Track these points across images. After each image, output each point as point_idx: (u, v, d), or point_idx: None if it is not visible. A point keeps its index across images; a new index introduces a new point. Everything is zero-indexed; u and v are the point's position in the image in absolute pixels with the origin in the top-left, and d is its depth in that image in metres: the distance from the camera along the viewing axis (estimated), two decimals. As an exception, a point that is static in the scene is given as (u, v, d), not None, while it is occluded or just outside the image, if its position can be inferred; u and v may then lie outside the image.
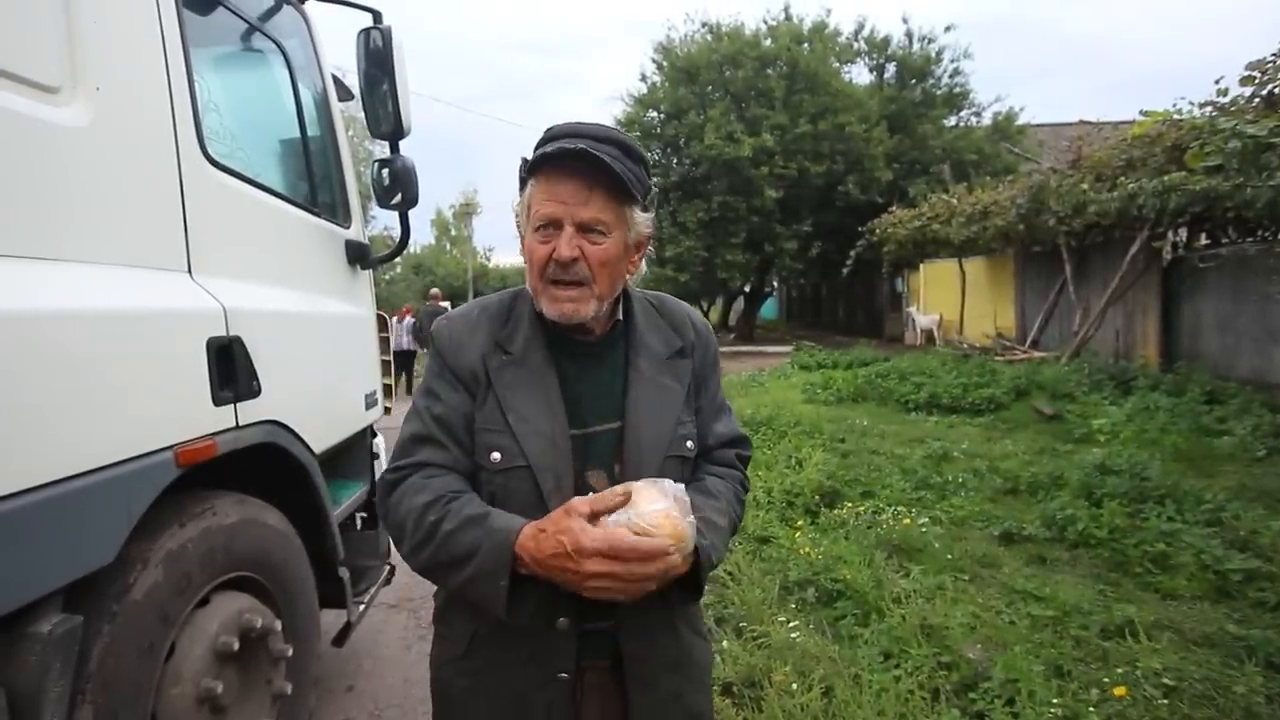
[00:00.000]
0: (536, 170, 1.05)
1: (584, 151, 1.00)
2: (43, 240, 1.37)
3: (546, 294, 1.07)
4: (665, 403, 1.14)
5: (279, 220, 2.24)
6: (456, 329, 1.14)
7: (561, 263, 1.04)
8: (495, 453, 1.06)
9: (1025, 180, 11.55)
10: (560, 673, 1.08)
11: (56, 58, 1.43)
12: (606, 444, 1.11)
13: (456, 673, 1.14)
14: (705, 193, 18.48)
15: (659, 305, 1.24)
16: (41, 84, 1.40)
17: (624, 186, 1.03)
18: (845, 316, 23.67)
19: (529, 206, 1.07)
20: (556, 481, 1.05)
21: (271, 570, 1.98)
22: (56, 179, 1.41)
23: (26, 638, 1.24)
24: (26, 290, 1.28)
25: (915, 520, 4.22)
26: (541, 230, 1.05)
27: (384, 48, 2.50)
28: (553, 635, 1.07)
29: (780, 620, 3.01)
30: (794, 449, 5.90)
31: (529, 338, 1.12)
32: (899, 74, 21.53)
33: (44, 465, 1.26)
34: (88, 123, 1.48)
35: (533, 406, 1.07)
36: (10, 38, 1.34)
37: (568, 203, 1.03)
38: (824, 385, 9.81)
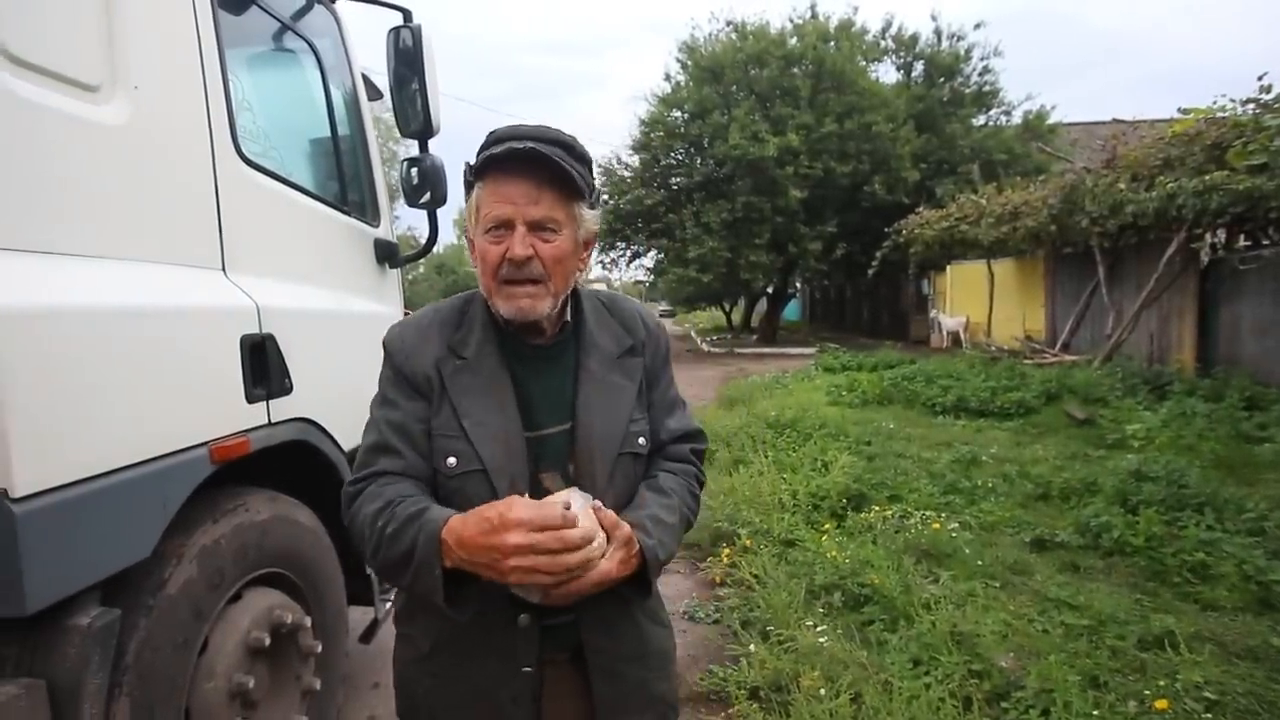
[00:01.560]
0: (484, 173, 1.06)
1: (532, 151, 1.02)
2: (82, 237, 1.38)
3: (502, 293, 1.08)
4: (616, 401, 1.16)
5: (310, 219, 2.26)
6: (409, 335, 1.15)
7: (516, 262, 1.05)
8: (451, 458, 1.08)
9: (1058, 180, 11.33)
10: (524, 667, 1.10)
11: (97, 57, 1.45)
12: (559, 445, 1.12)
13: (421, 672, 1.16)
14: (729, 193, 18.38)
15: (610, 304, 1.25)
16: (83, 82, 1.42)
17: (572, 184, 1.06)
18: (869, 318, 23.42)
19: (477, 209, 1.08)
20: (511, 483, 1.06)
21: (302, 567, 1.99)
22: (95, 176, 1.43)
23: (66, 630, 1.26)
24: (65, 287, 1.30)
25: (944, 525, 4.15)
26: (493, 231, 1.06)
27: (414, 47, 2.51)
28: (514, 631, 1.09)
29: (807, 624, 2.97)
30: (819, 451, 5.82)
31: (482, 341, 1.13)
32: (927, 72, 21.24)
33: (83, 460, 1.28)
34: (126, 121, 1.50)
35: (487, 410, 1.09)
36: (54, 37, 1.36)
37: (518, 203, 1.04)
38: (849, 387, 9.69)
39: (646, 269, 24.12)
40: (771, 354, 18.42)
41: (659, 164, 20.11)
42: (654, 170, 20.18)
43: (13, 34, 1.26)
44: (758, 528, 4.21)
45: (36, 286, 1.23)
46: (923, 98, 20.20)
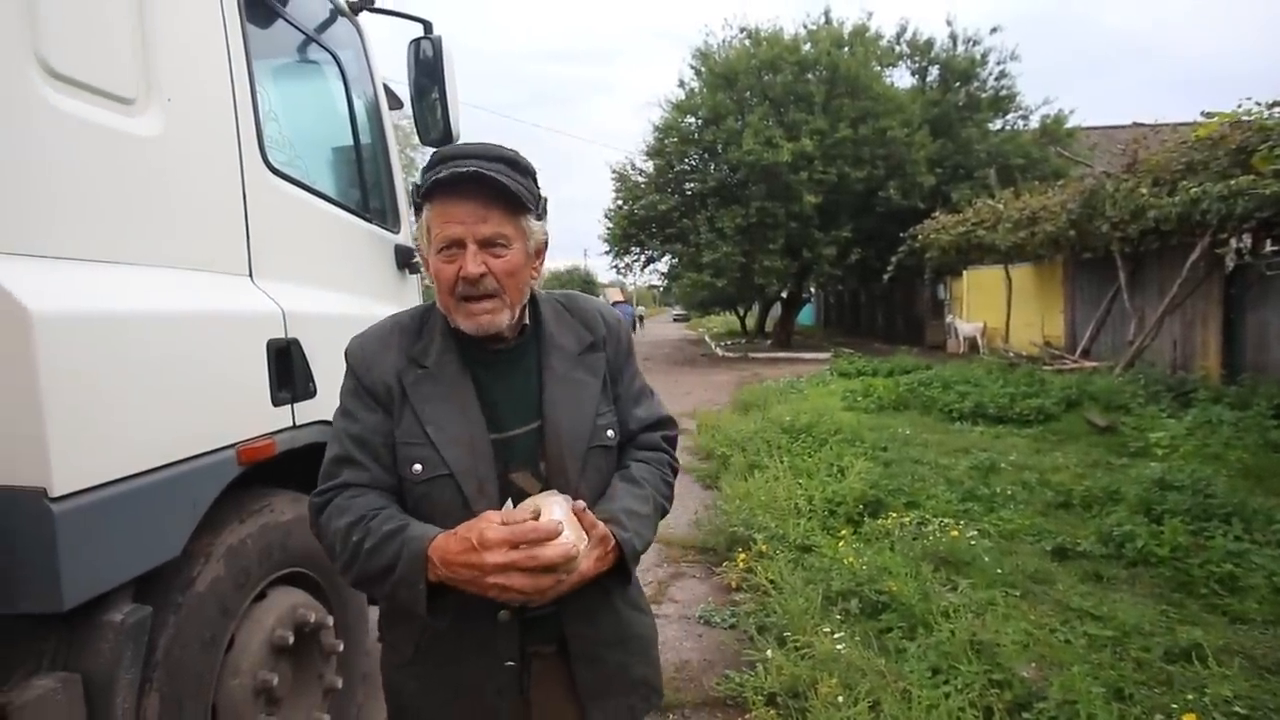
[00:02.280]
0: (431, 195, 1.09)
1: (476, 173, 1.04)
2: (117, 245, 1.42)
3: (461, 310, 1.11)
4: (581, 397, 1.18)
5: (333, 225, 2.30)
6: (370, 346, 1.17)
7: (470, 280, 1.07)
8: (417, 464, 1.10)
9: (1077, 184, 11.22)
10: (506, 661, 1.12)
11: (133, 71, 1.50)
12: (528, 445, 1.15)
13: (406, 676, 1.18)
14: (743, 198, 18.37)
15: (568, 304, 1.28)
16: (119, 96, 1.46)
17: (518, 201, 1.08)
18: (885, 323, 23.27)
19: (428, 230, 1.11)
20: (479, 485, 1.09)
21: (324, 567, 2.02)
22: (130, 186, 1.47)
23: (101, 626, 1.29)
24: (100, 293, 1.34)
25: (963, 532, 4.11)
26: (445, 251, 1.09)
27: (434, 57, 2.56)
28: (495, 627, 1.11)
29: (824, 631, 2.96)
30: (835, 457, 5.80)
31: (442, 350, 1.15)
32: (942, 77, 21.13)
33: (117, 461, 1.32)
34: (159, 132, 1.54)
35: (450, 415, 1.12)
36: (93, 54, 1.40)
37: (466, 222, 1.07)
38: (864, 393, 9.63)
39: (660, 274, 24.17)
40: (786, 359, 18.35)
41: (673, 169, 20.15)
42: (668, 176, 20.22)
43: (54, 50, 1.30)
44: (773, 533, 4.20)
45: (73, 293, 1.27)
46: (938, 102, 20.09)
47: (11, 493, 1.16)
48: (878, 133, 17.82)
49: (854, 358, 14.26)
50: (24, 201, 1.23)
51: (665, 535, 4.77)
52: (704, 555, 4.39)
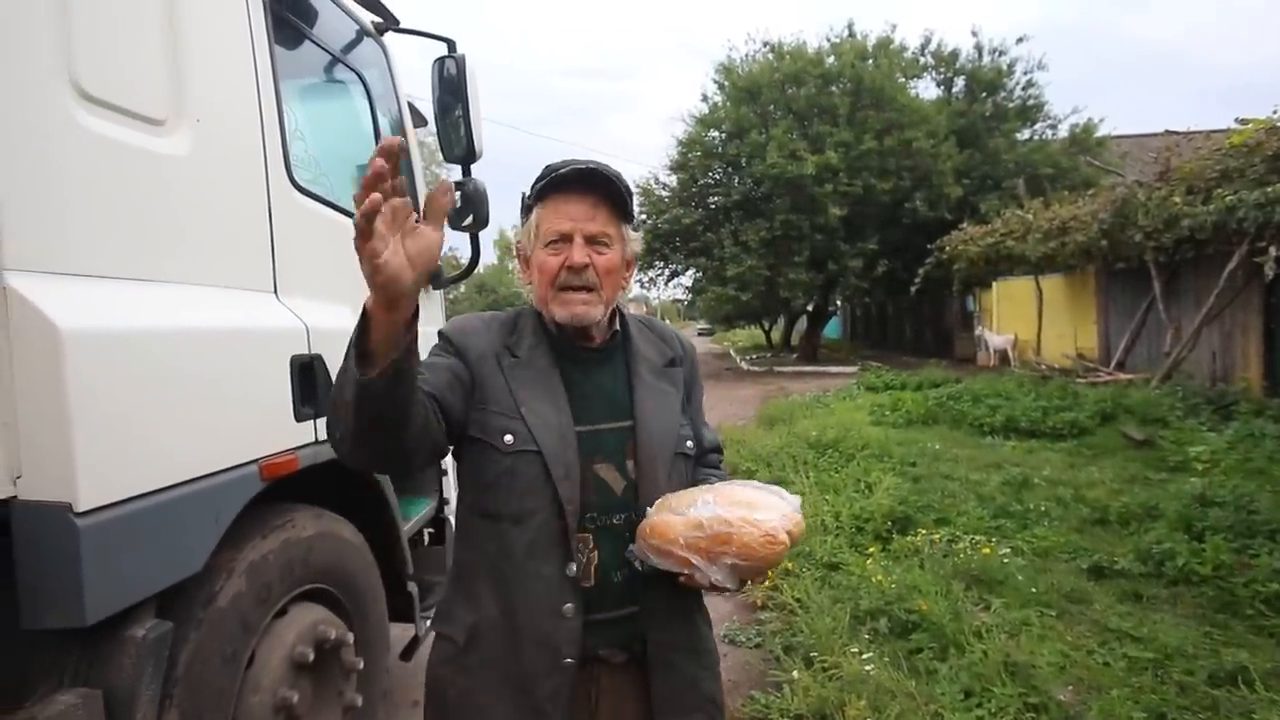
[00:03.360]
0: (545, 196, 1.18)
1: (594, 170, 1.15)
2: (145, 262, 1.45)
3: (558, 299, 1.18)
4: (667, 406, 1.26)
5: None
6: (469, 324, 1.24)
7: (574, 268, 1.15)
8: (508, 435, 1.13)
9: (1108, 193, 11.01)
10: (565, 659, 1.11)
11: (163, 93, 1.53)
12: (616, 441, 1.20)
13: (455, 671, 1.16)
14: (767, 211, 18.31)
15: (648, 324, 1.38)
16: (149, 117, 1.50)
17: (624, 204, 1.19)
18: (913, 336, 22.96)
19: (537, 227, 1.20)
20: (565, 470, 1.13)
21: (345, 583, 2.02)
22: (159, 205, 1.50)
23: (122, 641, 1.30)
24: (128, 310, 1.36)
25: (995, 550, 4.01)
26: (552, 245, 1.17)
27: (458, 75, 2.58)
28: (558, 621, 1.11)
29: (852, 651, 2.90)
30: (862, 473, 5.71)
31: (533, 345, 1.21)
32: (968, 88, 20.94)
33: (142, 476, 1.33)
34: (188, 152, 1.57)
35: (541, 402, 1.16)
36: (124, 77, 1.43)
37: (577, 219, 1.16)
38: (892, 407, 9.50)
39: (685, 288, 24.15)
40: (812, 373, 18.18)
41: (697, 183, 20.18)
42: (692, 190, 20.25)
43: (86, 73, 1.33)
44: (800, 550, 4.13)
45: (102, 310, 1.29)
46: (964, 113, 19.90)
47: (37, 507, 1.17)
48: (903, 144, 17.69)
49: (881, 371, 14.09)
50: (55, 220, 1.26)
51: (689, 551, 4.72)
52: (728, 572, 4.33)
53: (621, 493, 1.18)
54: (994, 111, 20.30)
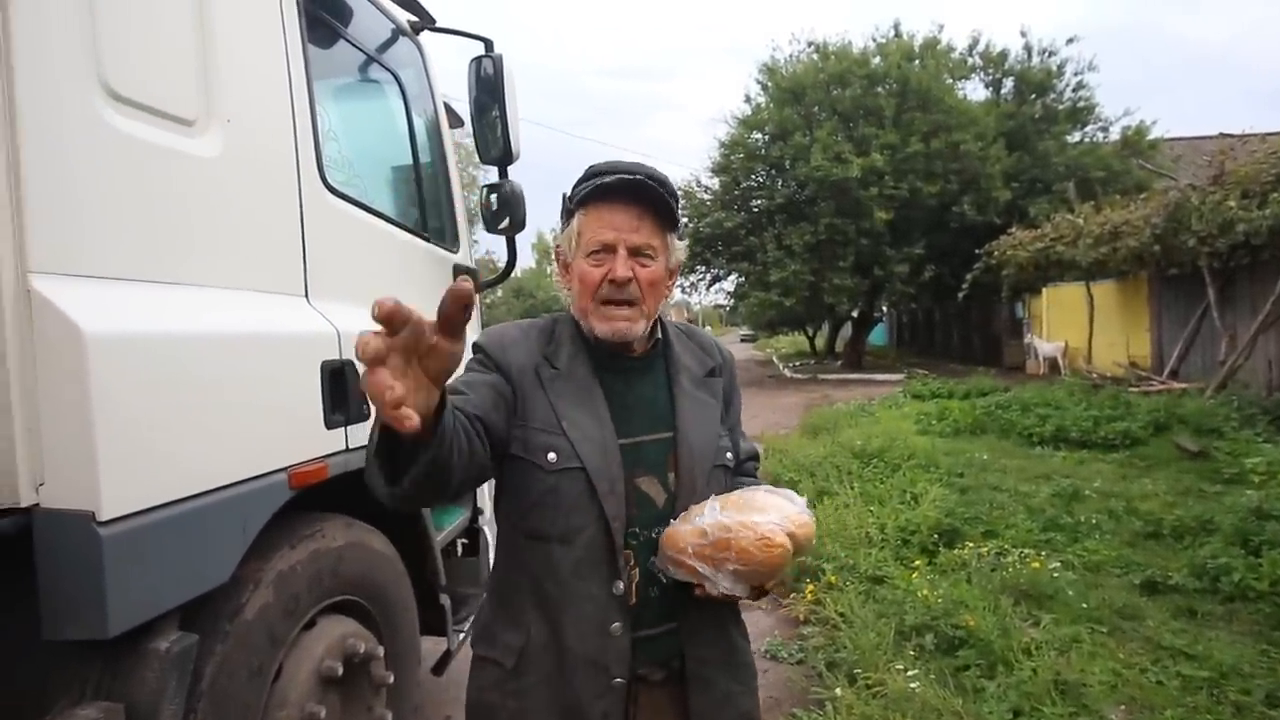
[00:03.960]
0: (588, 202, 1.13)
1: (640, 182, 1.10)
2: (173, 265, 1.42)
3: (598, 313, 1.14)
4: (708, 416, 1.22)
5: (391, 245, 2.29)
6: (508, 335, 1.19)
7: (617, 282, 1.11)
8: (551, 453, 1.09)
9: (1160, 198, 10.62)
10: (615, 679, 1.09)
11: (194, 93, 1.50)
12: (658, 453, 1.17)
13: (505, 695, 1.12)
14: (811, 215, 18.04)
15: (688, 332, 1.33)
16: (180, 118, 1.47)
17: (670, 214, 1.15)
18: (960, 343, 22.36)
19: (579, 234, 1.15)
20: (610, 485, 1.10)
21: (376, 595, 1.98)
22: (188, 206, 1.47)
23: (146, 654, 1.26)
24: (154, 313, 1.33)
25: (1045, 564, 3.85)
26: (594, 255, 1.13)
27: (495, 75, 2.54)
28: (607, 640, 1.09)
29: (897, 668, 2.77)
30: (908, 483, 5.53)
31: (572, 355, 1.17)
32: (1017, 89, 20.35)
33: (167, 484, 1.29)
34: (218, 153, 1.54)
35: (582, 415, 1.11)
36: (154, 77, 1.41)
37: (621, 229, 1.12)
38: (939, 416, 9.23)
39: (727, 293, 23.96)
40: (857, 380, 17.82)
41: (739, 186, 20.00)
42: (734, 193, 20.08)
43: (116, 73, 1.31)
44: (843, 563, 4.00)
45: (127, 313, 1.26)
46: (1013, 115, 19.35)
47: (60, 515, 1.14)
48: (950, 146, 17.27)
49: (928, 379, 13.74)
50: (81, 222, 1.23)
51: (728, 562, 4.61)
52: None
53: (662, 505, 1.15)
54: (1044, 113, 19.71)
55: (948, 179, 17.45)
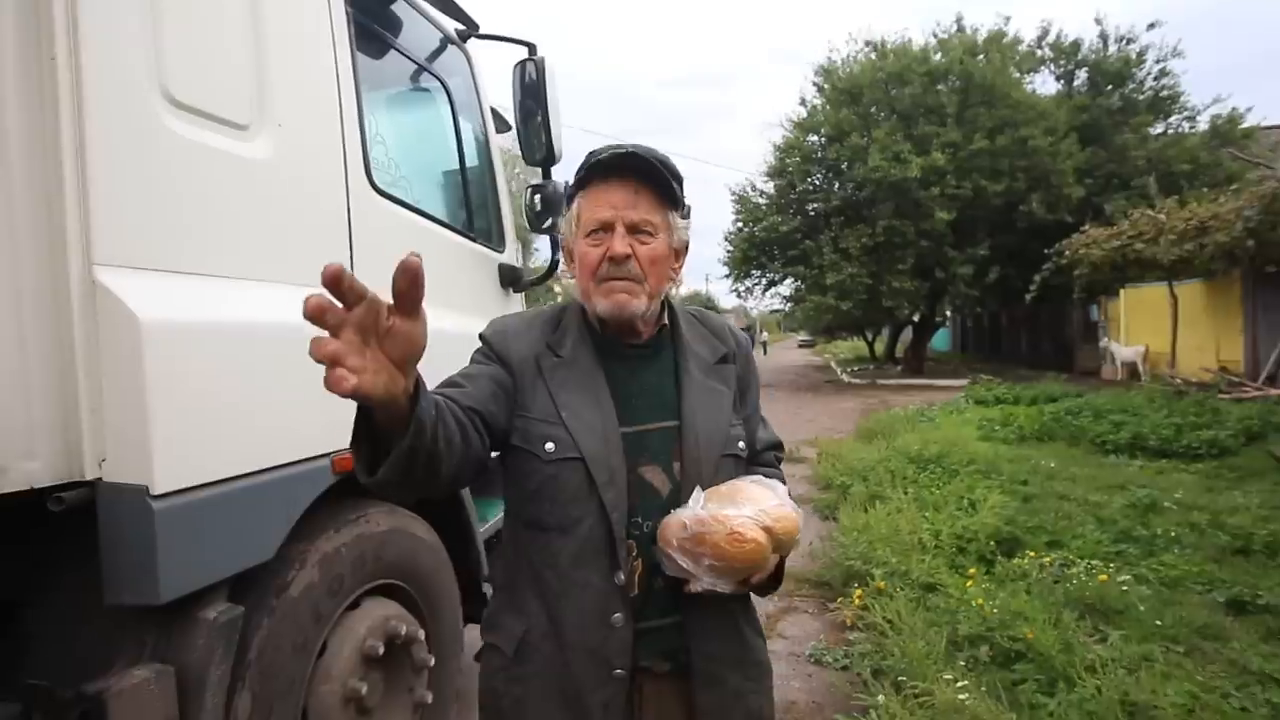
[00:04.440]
0: (586, 183, 1.13)
1: (633, 154, 1.09)
2: (226, 260, 1.52)
3: (599, 290, 1.12)
4: (717, 404, 1.19)
5: (436, 244, 2.37)
6: (511, 327, 1.20)
7: (615, 259, 1.10)
8: (549, 443, 1.09)
9: (1254, 189, 9.93)
10: (616, 669, 1.07)
11: (248, 100, 1.60)
12: (662, 441, 1.15)
13: (508, 681, 1.12)
14: (869, 217, 17.67)
15: (700, 317, 1.31)
16: (235, 122, 1.57)
17: (669, 189, 1.12)
18: (1030, 348, 21.46)
19: (578, 216, 1.15)
20: (610, 475, 1.08)
21: (419, 580, 2.04)
22: (241, 205, 1.56)
23: (195, 622, 1.35)
24: (208, 304, 1.42)
25: (1114, 577, 3.64)
26: (593, 235, 1.12)
27: (537, 78, 2.60)
28: (607, 631, 1.08)
29: (946, 679, 2.67)
30: (966, 489, 5.34)
31: (577, 342, 1.17)
32: (1092, 80, 19.45)
33: (217, 464, 1.38)
34: (270, 155, 1.64)
35: (583, 403, 1.11)
36: (211, 84, 1.51)
37: (617, 206, 1.11)
38: (1003, 422, 8.89)
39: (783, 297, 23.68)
40: (917, 385, 17.33)
41: (795, 190, 19.75)
42: (789, 196, 19.84)
43: (176, 82, 1.41)
44: (894, 569, 3.89)
45: (182, 304, 1.35)
46: (1086, 107, 18.50)
47: (118, 488, 1.23)
48: (1017, 142, 16.63)
49: (992, 385, 13.23)
50: (143, 219, 1.33)
51: (776, 566, 4.56)
52: (818, 589, 4.14)
53: (667, 495, 1.13)
54: (1122, 104, 18.76)
55: (1014, 176, 16.81)
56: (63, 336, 1.22)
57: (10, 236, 1.18)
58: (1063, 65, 20.02)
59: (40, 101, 1.21)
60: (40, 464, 1.20)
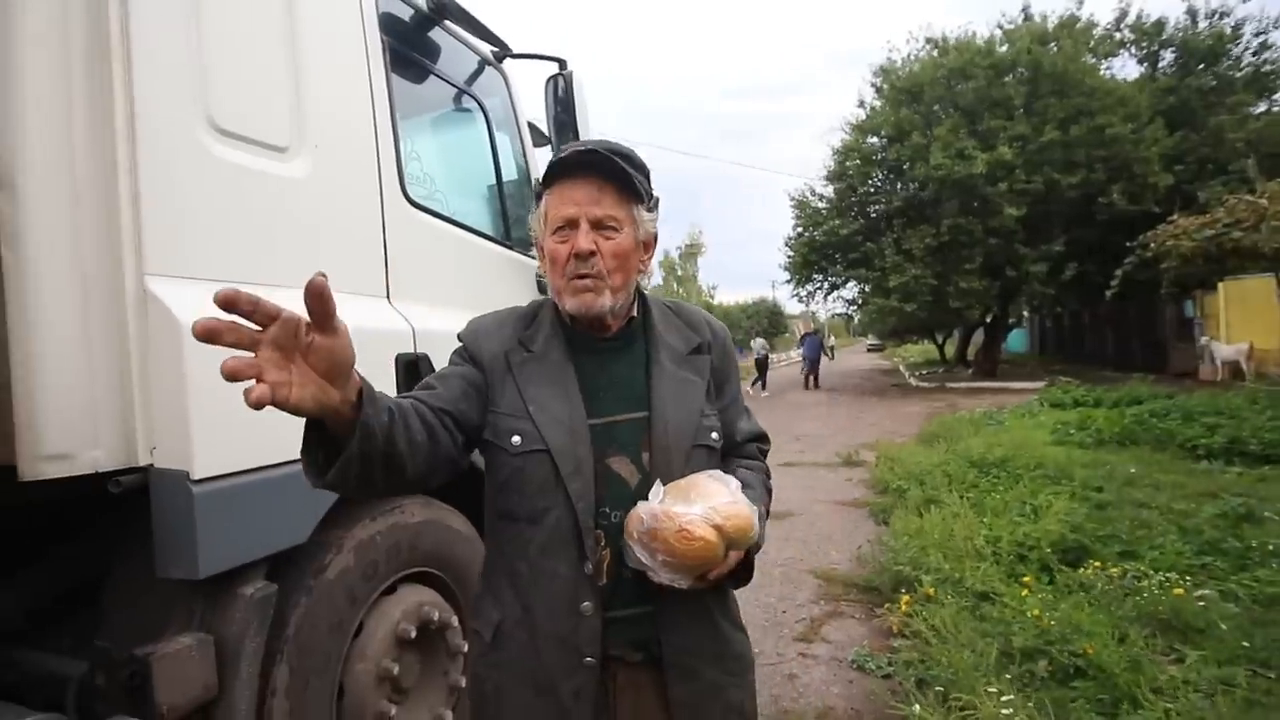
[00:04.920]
0: (552, 181, 1.16)
1: (594, 151, 1.12)
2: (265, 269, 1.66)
3: (569, 289, 1.15)
4: (688, 394, 1.20)
5: (471, 253, 2.49)
6: (483, 326, 1.23)
7: (580, 255, 1.12)
8: (516, 436, 1.12)
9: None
10: (586, 658, 1.09)
11: (286, 124, 1.75)
12: (631, 433, 1.16)
13: (487, 667, 1.17)
14: (933, 216, 17.18)
15: (675, 308, 1.32)
16: (275, 145, 1.72)
17: (631, 184, 1.14)
18: (1116, 349, 20.26)
19: (545, 215, 1.17)
20: (576, 465, 1.11)
21: (455, 569, 2.15)
22: (280, 220, 1.71)
23: (234, 597, 1.49)
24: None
25: (1191, 591, 3.40)
26: (560, 232, 1.15)
27: (568, 92, 2.71)
28: (577, 619, 1.10)
29: (992, 692, 2.58)
30: (1030, 495, 5.12)
31: (549, 336, 1.20)
32: (1179, 60, 18.36)
33: (253, 452, 1.51)
34: (306, 174, 1.79)
35: (551, 397, 1.14)
36: (253, 111, 1.67)
37: (581, 203, 1.13)
38: (1080, 425, 8.44)
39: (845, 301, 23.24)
40: (989, 389, 16.66)
41: (855, 192, 19.41)
42: (850, 199, 19.51)
43: (219, 110, 1.57)
44: (946, 575, 3.78)
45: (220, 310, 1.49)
46: (1173, 89, 17.47)
47: (165, 473, 1.38)
48: (1094, 131, 15.83)
49: (1070, 387, 12.58)
50: (188, 233, 1.49)
51: (826, 570, 4.51)
52: (866, 595, 4.07)
53: (635, 486, 1.14)
54: (1216, 84, 17.58)
55: (1092, 167, 16.00)
56: (120, 339, 1.38)
57: (77, 250, 1.35)
58: (1145, 46, 19.00)
59: (101, 132, 1.38)
60: (103, 451, 1.36)
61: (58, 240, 1.32)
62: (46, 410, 1.29)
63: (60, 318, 1.31)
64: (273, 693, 1.56)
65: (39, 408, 1.28)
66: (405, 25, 2.29)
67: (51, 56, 1.32)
